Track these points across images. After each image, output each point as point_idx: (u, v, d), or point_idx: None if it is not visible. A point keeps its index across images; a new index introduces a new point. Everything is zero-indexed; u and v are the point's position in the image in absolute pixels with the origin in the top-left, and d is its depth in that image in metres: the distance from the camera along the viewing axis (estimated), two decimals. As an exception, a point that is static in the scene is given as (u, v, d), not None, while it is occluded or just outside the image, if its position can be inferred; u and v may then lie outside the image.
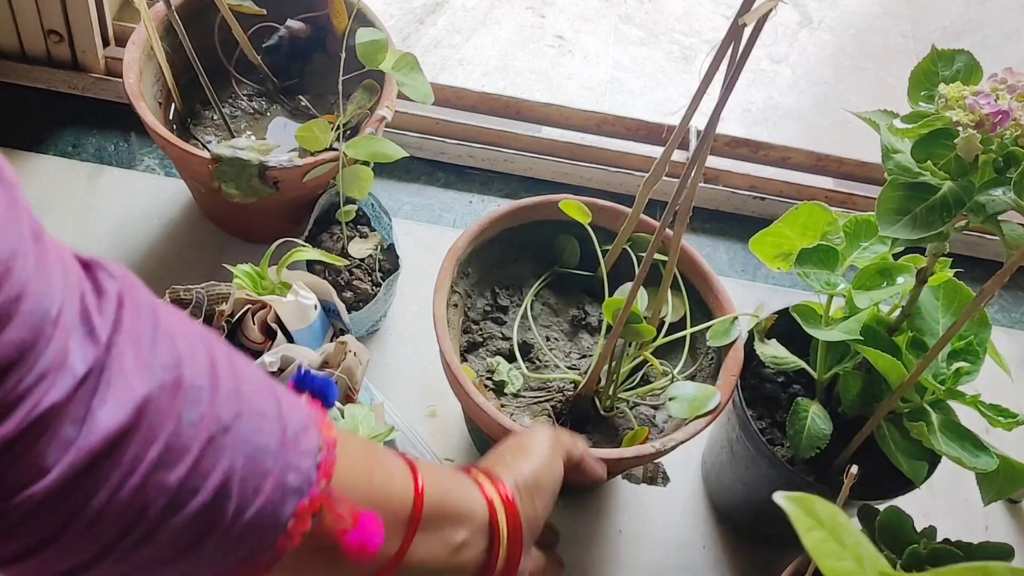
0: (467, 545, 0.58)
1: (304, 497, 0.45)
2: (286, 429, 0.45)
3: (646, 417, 0.87)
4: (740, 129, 1.28)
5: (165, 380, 0.40)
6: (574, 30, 1.39)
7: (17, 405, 0.36)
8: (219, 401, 0.42)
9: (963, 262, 0.84)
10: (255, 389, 0.45)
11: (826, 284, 0.78)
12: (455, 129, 1.16)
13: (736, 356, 0.83)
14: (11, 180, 0.36)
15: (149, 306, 0.42)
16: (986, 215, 0.64)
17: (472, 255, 0.90)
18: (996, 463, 0.73)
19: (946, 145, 0.64)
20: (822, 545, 0.32)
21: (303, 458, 0.45)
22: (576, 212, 0.87)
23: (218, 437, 0.42)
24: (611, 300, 0.75)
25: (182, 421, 0.40)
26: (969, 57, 0.68)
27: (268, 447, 0.44)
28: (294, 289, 0.83)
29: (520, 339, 0.90)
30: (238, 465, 0.42)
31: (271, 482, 0.44)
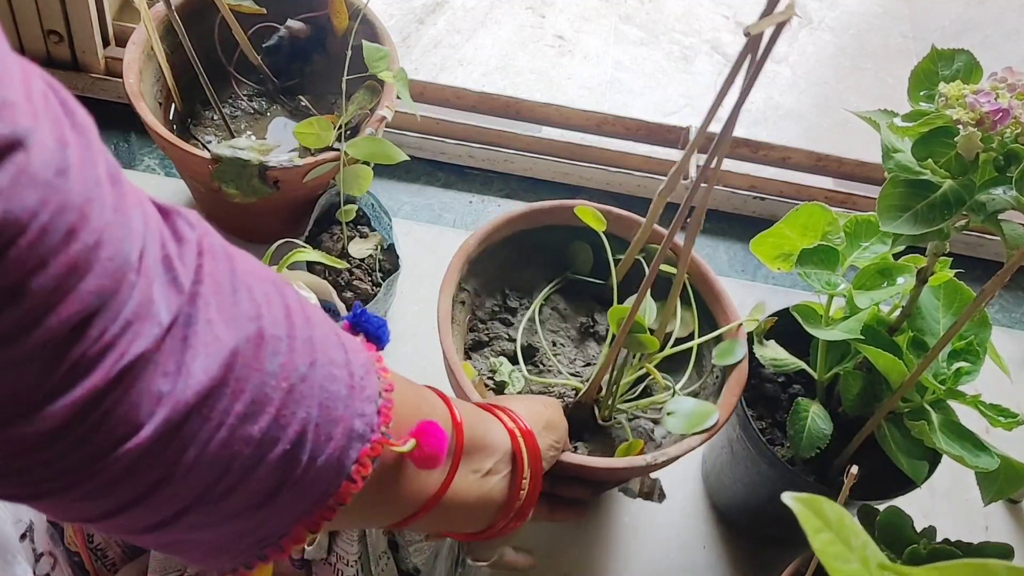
0: (494, 472, 0.61)
1: (367, 443, 0.46)
2: (353, 375, 0.46)
3: (644, 430, 0.86)
4: (740, 129, 1.28)
5: (249, 332, 0.40)
6: (574, 30, 1.39)
7: (104, 355, 0.35)
8: (296, 349, 0.43)
9: (963, 262, 0.85)
10: (324, 334, 0.46)
11: (826, 284, 0.78)
12: (455, 129, 1.16)
13: (740, 376, 0.82)
14: (85, 124, 0.35)
15: (225, 254, 0.42)
16: (986, 214, 0.64)
17: (484, 254, 0.90)
18: (997, 462, 0.73)
19: (946, 143, 0.64)
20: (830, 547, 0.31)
21: (367, 404, 0.46)
22: (591, 219, 0.86)
23: (297, 386, 0.42)
24: (616, 308, 0.74)
25: (265, 372, 0.41)
26: (969, 56, 0.68)
27: (339, 394, 0.45)
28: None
29: (526, 342, 0.90)
30: (313, 413, 0.43)
31: (340, 429, 0.44)
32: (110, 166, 0.37)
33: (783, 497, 0.32)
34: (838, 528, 0.32)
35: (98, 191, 0.35)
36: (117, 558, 0.76)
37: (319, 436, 0.43)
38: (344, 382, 0.45)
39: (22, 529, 0.72)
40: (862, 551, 0.32)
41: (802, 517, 0.32)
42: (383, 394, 0.48)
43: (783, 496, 0.32)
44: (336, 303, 0.87)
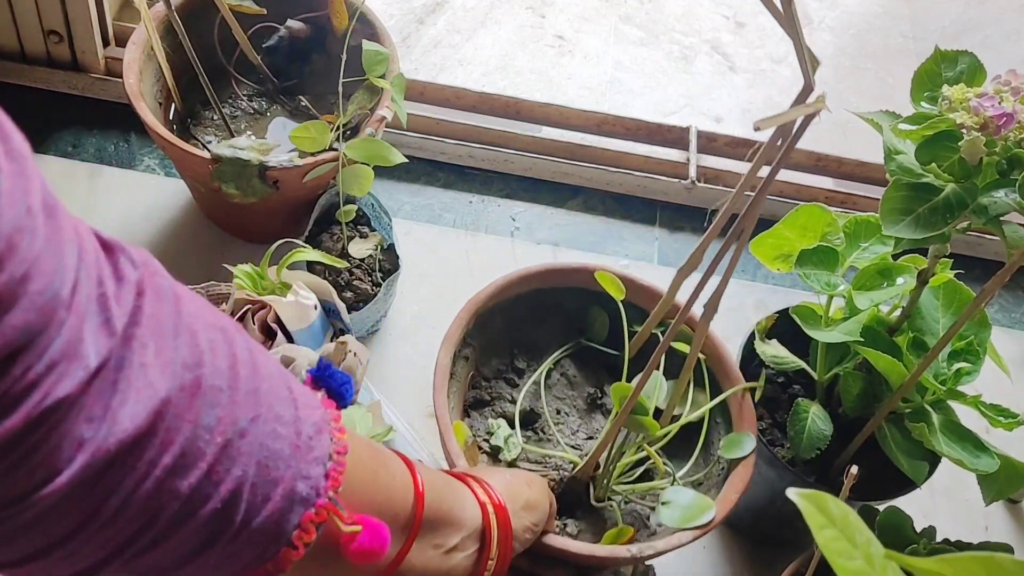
0: (459, 549, 0.57)
1: (311, 508, 0.44)
2: (300, 433, 0.44)
3: (639, 516, 0.82)
4: (740, 129, 1.28)
5: (185, 380, 0.39)
6: (574, 30, 1.39)
7: (27, 395, 0.33)
8: (237, 403, 0.41)
9: (963, 262, 0.84)
10: (273, 387, 0.43)
11: (826, 285, 0.78)
12: (455, 129, 1.16)
13: (744, 473, 0.78)
14: (20, 151, 0.34)
15: (172, 296, 0.40)
16: (988, 217, 0.64)
17: (494, 309, 0.87)
18: (997, 464, 0.73)
19: (950, 147, 0.64)
20: (834, 543, 0.32)
21: (313, 466, 0.44)
22: (610, 286, 0.82)
23: (234, 441, 0.40)
24: (619, 385, 0.71)
25: (199, 424, 0.39)
26: (972, 58, 0.68)
27: (281, 453, 0.42)
28: (294, 289, 0.83)
29: (528, 406, 0.86)
30: (250, 472, 0.41)
31: (280, 490, 0.42)
32: (47, 196, 0.35)
33: (788, 493, 0.32)
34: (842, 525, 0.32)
35: (29, 221, 0.33)
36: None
37: (255, 496, 0.41)
38: (289, 441, 0.43)
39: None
40: (866, 547, 0.32)
41: (807, 513, 0.32)
42: (334, 456, 0.45)
43: (788, 492, 0.32)
44: (336, 303, 0.87)
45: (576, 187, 1.18)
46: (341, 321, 0.89)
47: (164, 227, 1.07)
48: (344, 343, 0.80)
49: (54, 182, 1.08)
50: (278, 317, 0.82)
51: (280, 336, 0.82)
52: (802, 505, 0.32)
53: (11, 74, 1.13)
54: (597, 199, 1.18)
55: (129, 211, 1.07)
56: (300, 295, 0.83)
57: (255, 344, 0.45)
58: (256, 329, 0.82)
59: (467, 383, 0.87)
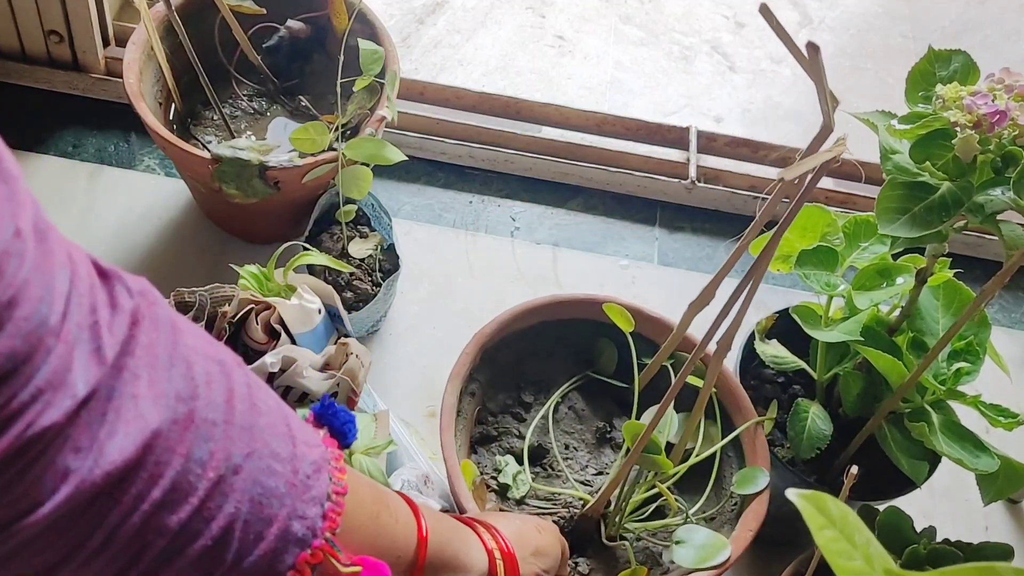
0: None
1: (306, 548, 0.42)
2: (298, 471, 0.42)
3: (652, 554, 0.80)
4: (740, 129, 1.28)
5: (178, 413, 0.38)
6: (574, 30, 1.39)
7: (9, 424, 0.32)
8: (232, 437, 0.40)
9: (963, 262, 0.84)
10: (270, 424, 0.42)
11: (826, 285, 0.78)
12: (455, 129, 1.16)
13: (758, 509, 0.77)
14: (11, 172, 0.33)
15: (169, 326, 0.39)
16: (985, 215, 0.64)
17: (500, 343, 0.86)
18: (997, 464, 0.73)
19: (944, 146, 0.64)
20: (834, 544, 0.32)
21: (310, 506, 0.43)
22: (619, 318, 0.81)
23: (227, 477, 0.39)
24: (632, 423, 0.70)
25: (191, 458, 0.38)
26: (966, 57, 0.68)
27: (276, 491, 0.41)
28: (299, 292, 0.83)
29: (536, 441, 0.84)
30: (244, 509, 0.40)
31: (275, 529, 0.41)
32: (38, 219, 0.34)
33: (788, 493, 0.32)
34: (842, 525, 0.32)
35: (17, 244, 0.32)
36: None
37: (248, 534, 0.40)
38: (285, 479, 0.42)
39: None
40: (866, 548, 0.32)
41: (807, 513, 0.32)
42: (333, 497, 0.44)
43: (788, 492, 0.32)
44: (340, 309, 0.87)
45: (576, 187, 1.18)
46: (345, 327, 0.88)
47: (164, 227, 1.07)
48: (346, 344, 0.80)
49: (54, 182, 1.08)
50: (282, 319, 0.82)
51: (284, 337, 0.82)
52: (802, 506, 0.32)
53: (11, 74, 1.13)
54: (597, 199, 1.18)
55: (129, 211, 1.07)
56: (304, 299, 0.83)
57: (254, 379, 0.44)
58: (260, 330, 0.82)
59: (473, 418, 0.85)
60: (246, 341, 0.83)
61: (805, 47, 0.45)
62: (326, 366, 0.80)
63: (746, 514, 0.77)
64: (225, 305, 0.83)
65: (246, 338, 0.83)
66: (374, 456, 0.75)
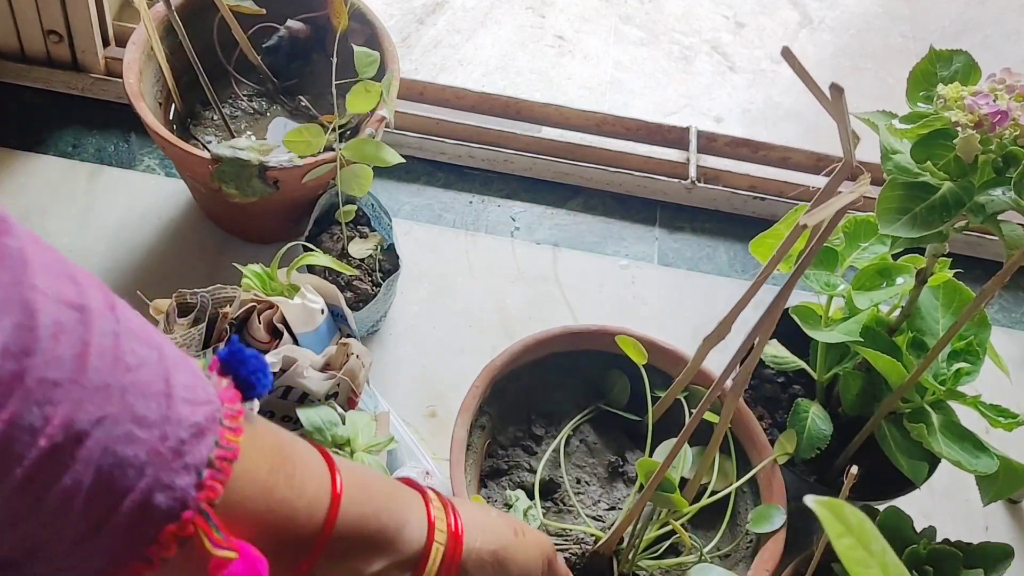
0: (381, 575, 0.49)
1: (174, 520, 0.38)
2: (167, 437, 0.38)
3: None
4: (740, 129, 1.28)
5: (2, 371, 0.32)
6: (574, 30, 1.39)
7: None
8: (78, 400, 0.35)
9: (963, 262, 0.84)
10: (139, 381, 0.37)
11: (826, 285, 0.78)
12: (455, 129, 1.16)
13: (775, 548, 0.75)
14: None
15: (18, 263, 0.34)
16: (985, 215, 0.64)
17: (511, 375, 0.84)
18: (996, 465, 0.73)
19: (945, 146, 0.64)
20: (852, 552, 0.32)
21: (181, 475, 0.38)
22: (632, 350, 0.80)
23: (65, 446, 0.34)
24: (646, 461, 0.69)
25: (16, 424, 0.33)
26: (967, 57, 0.68)
27: (134, 459, 0.37)
28: (302, 292, 0.83)
29: (547, 475, 0.83)
30: (86, 481, 0.35)
31: (129, 503, 0.37)
32: None
33: (806, 500, 0.32)
34: (859, 533, 0.32)
35: None
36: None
37: (91, 509, 0.36)
38: (148, 446, 0.37)
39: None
40: (882, 556, 0.32)
41: (825, 521, 0.32)
42: (216, 463, 0.39)
43: (806, 499, 0.32)
44: (344, 308, 0.87)
45: (576, 187, 1.18)
46: (348, 326, 0.88)
47: (163, 227, 1.07)
48: (347, 344, 0.80)
49: (54, 182, 1.08)
50: (284, 318, 0.82)
51: (287, 336, 0.82)
52: (820, 513, 0.32)
53: (11, 74, 1.13)
54: (597, 199, 1.18)
55: (129, 211, 1.07)
56: (307, 298, 0.83)
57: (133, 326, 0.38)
58: (262, 329, 0.82)
59: (483, 452, 0.84)
60: (248, 340, 0.83)
61: (828, 89, 0.44)
62: (327, 366, 0.80)
63: (762, 553, 0.76)
64: (227, 306, 0.83)
65: (248, 337, 0.83)
66: (375, 454, 0.75)
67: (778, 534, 0.76)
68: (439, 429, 0.97)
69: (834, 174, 0.50)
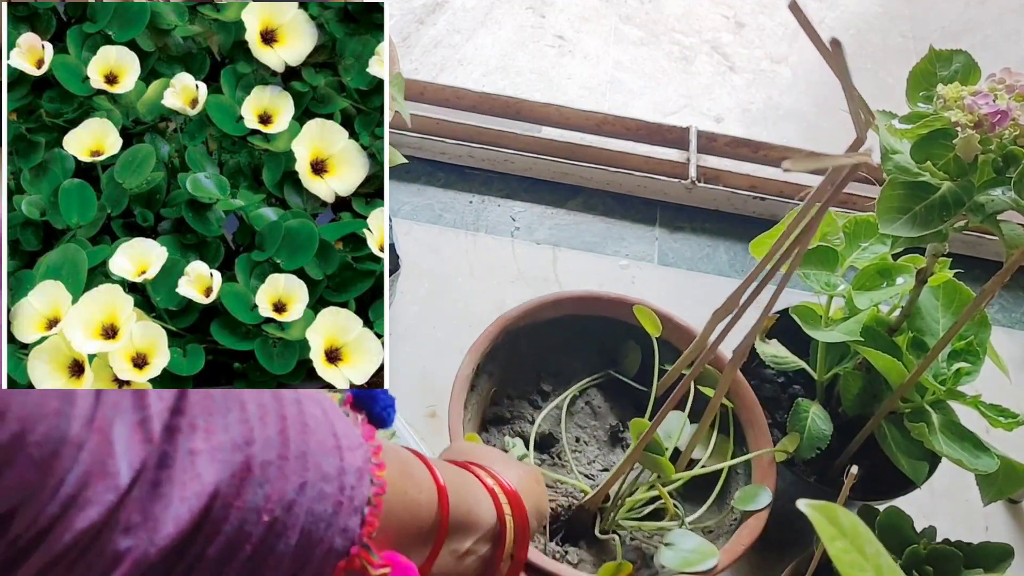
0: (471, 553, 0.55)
1: (344, 558, 0.42)
2: (344, 488, 0.41)
3: (644, 554, 0.80)
4: (740, 129, 1.28)
5: (235, 464, 0.36)
6: (574, 30, 1.39)
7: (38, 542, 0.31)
8: (286, 474, 0.38)
9: (963, 262, 0.84)
10: (320, 440, 0.41)
11: (826, 285, 0.78)
12: (455, 129, 1.16)
13: (756, 526, 0.76)
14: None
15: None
16: (985, 215, 0.64)
17: (524, 329, 0.85)
18: (997, 464, 0.73)
19: (945, 145, 0.64)
20: (845, 555, 0.31)
21: (353, 517, 0.42)
22: (647, 321, 0.80)
23: (280, 517, 0.38)
24: (638, 421, 0.70)
25: (247, 508, 0.36)
26: (967, 57, 0.68)
27: (324, 514, 0.40)
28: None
29: (548, 430, 0.85)
30: (293, 542, 0.39)
31: (319, 551, 0.40)
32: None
33: (799, 504, 0.32)
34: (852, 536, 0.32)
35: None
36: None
37: (296, 563, 0.39)
38: (332, 499, 0.41)
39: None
40: (876, 559, 0.32)
41: (818, 525, 0.32)
42: (372, 500, 0.43)
43: (799, 503, 0.32)
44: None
45: (576, 187, 1.18)
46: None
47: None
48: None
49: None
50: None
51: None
52: (813, 517, 0.31)
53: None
54: (597, 199, 1.18)
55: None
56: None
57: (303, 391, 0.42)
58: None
59: (488, 399, 0.85)
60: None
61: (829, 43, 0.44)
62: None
63: (742, 528, 0.77)
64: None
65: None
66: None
67: (761, 513, 0.77)
68: (439, 429, 0.97)
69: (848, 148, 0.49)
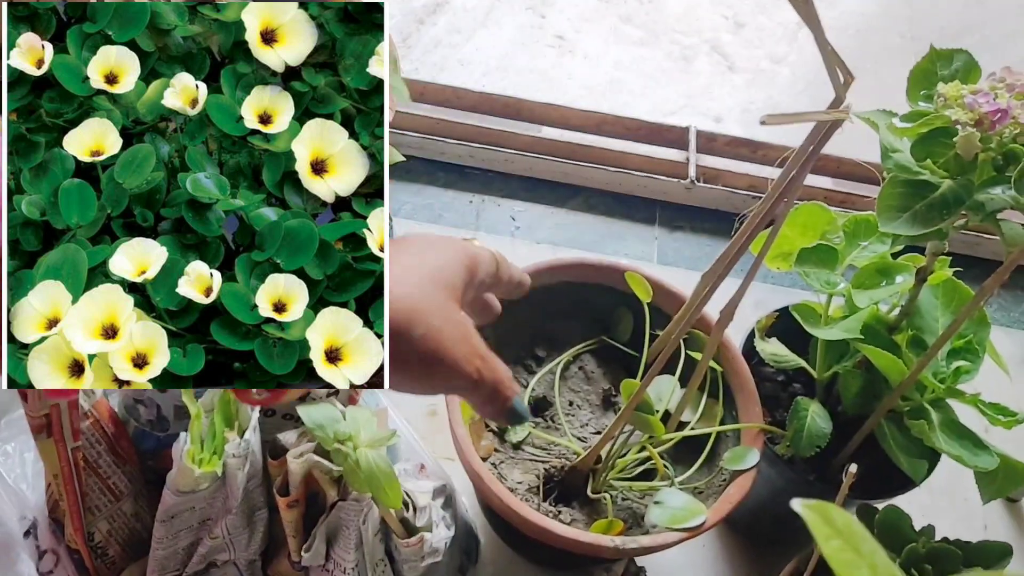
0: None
1: None
2: None
3: (635, 513, 0.82)
4: (740, 129, 1.28)
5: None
6: (574, 30, 1.40)
7: None
8: None
9: (962, 261, 0.85)
10: None
11: (826, 283, 0.78)
12: (455, 129, 1.16)
13: (744, 484, 0.78)
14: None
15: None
16: (985, 213, 0.64)
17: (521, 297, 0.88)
18: (997, 461, 0.73)
19: (945, 144, 0.64)
20: (840, 554, 0.31)
21: None
22: (638, 287, 0.82)
23: None
24: (629, 381, 0.72)
25: None
26: (967, 56, 0.68)
27: None
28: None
29: (542, 394, 0.87)
30: None
31: None
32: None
33: (792, 503, 0.32)
34: (847, 535, 0.32)
35: None
36: (117, 556, 0.76)
37: None
38: None
39: (26, 526, 0.72)
40: (871, 558, 0.32)
41: (812, 524, 0.32)
42: None
43: (792, 502, 0.32)
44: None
45: (576, 187, 1.18)
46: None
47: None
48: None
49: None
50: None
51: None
52: (807, 516, 0.31)
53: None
54: (597, 199, 1.18)
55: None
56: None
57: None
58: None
59: None
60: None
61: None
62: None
63: (729, 488, 0.78)
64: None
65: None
66: (378, 448, 0.75)
67: (749, 472, 0.78)
68: (439, 428, 0.97)
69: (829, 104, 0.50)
